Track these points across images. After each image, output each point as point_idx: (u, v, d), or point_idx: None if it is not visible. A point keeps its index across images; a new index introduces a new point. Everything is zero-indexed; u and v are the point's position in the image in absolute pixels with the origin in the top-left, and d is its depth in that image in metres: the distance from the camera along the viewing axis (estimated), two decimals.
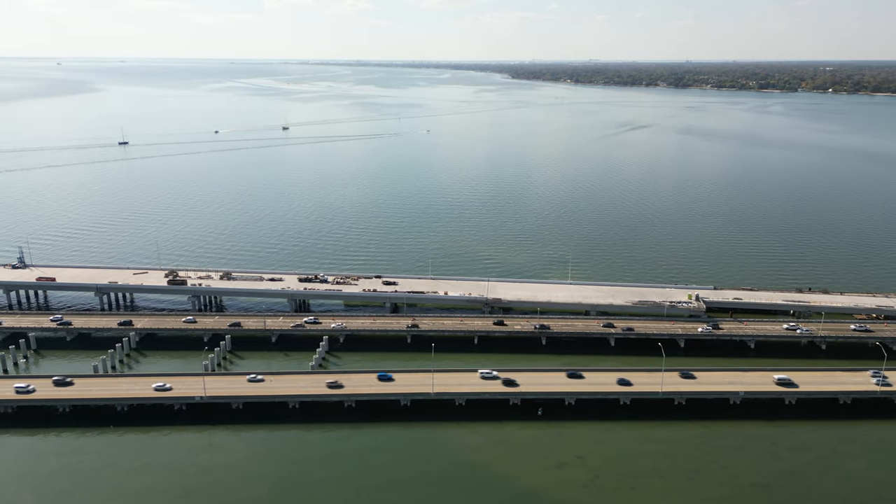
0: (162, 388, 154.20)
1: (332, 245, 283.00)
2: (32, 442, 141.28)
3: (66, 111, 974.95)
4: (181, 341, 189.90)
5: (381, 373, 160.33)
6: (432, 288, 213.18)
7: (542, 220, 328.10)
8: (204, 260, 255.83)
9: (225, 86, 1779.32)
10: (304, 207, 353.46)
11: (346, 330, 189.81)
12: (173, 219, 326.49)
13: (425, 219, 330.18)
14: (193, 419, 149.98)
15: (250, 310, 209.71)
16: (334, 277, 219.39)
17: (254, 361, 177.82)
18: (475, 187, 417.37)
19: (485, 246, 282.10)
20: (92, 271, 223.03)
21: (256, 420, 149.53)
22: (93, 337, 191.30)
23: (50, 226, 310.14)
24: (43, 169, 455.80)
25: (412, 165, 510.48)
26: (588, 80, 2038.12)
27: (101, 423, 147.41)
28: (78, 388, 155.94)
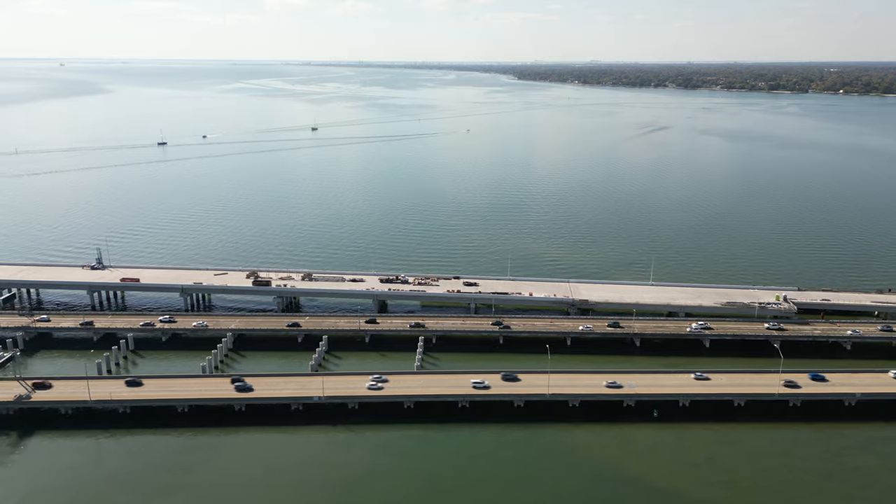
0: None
1: (404, 245, 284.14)
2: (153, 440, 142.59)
3: (86, 112, 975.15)
4: (273, 341, 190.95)
5: (505, 373, 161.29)
6: (514, 289, 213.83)
7: (616, 221, 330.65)
8: (277, 260, 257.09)
9: (233, 87, 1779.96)
10: (370, 208, 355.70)
11: (439, 330, 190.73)
12: (243, 219, 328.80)
13: (497, 218, 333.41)
14: (310, 419, 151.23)
15: (332, 310, 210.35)
16: (415, 278, 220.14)
17: (353, 361, 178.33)
18: (540, 187, 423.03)
19: (560, 246, 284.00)
20: (174, 272, 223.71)
21: (373, 420, 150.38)
22: (182, 337, 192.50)
23: (117, 226, 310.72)
24: (92, 170, 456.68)
25: (467, 164, 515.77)
26: (596, 82, 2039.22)
27: (219, 423, 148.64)
28: (189, 387, 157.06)
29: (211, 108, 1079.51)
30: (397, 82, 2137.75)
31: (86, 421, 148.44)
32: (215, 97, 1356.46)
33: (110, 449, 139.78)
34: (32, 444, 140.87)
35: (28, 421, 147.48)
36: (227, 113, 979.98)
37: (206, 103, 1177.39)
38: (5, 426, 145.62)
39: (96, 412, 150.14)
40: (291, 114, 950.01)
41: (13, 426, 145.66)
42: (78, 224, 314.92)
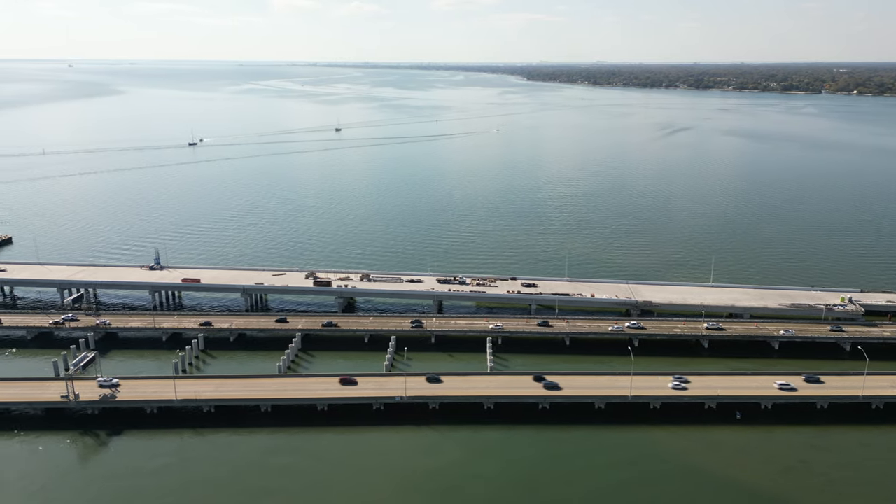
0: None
1: (456, 246, 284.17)
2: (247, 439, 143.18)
3: (104, 113, 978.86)
4: (339, 342, 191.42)
5: (577, 373, 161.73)
6: (573, 290, 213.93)
7: (666, 221, 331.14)
8: (328, 260, 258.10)
9: (244, 88, 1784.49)
10: (419, 208, 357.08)
11: (504, 331, 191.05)
12: (292, 219, 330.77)
13: (548, 218, 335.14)
14: (392, 419, 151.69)
15: (389, 311, 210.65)
16: (472, 279, 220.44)
17: (423, 363, 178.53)
18: (585, 186, 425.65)
19: (616, 247, 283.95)
20: (232, 273, 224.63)
21: (455, 421, 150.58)
22: (248, 337, 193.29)
23: (167, 226, 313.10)
24: (126, 171, 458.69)
25: (506, 164, 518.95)
26: (606, 83, 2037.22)
27: (302, 423, 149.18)
28: (268, 387, 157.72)
29: (228, 108, 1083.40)
30: (407, 83, 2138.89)
31: (171, 420, 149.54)
32: (230, 98, 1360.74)
33: (200, 448, 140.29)
34: (121, 443, 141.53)
35: (113, 420, 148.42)
36: (246, 114, 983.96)
37: (222, 104, 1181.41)
38: (92, 425, 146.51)
39: (181, 411, 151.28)
40: (310, 115, 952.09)
41: (100, 425, 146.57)
42: (126, 224, 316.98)
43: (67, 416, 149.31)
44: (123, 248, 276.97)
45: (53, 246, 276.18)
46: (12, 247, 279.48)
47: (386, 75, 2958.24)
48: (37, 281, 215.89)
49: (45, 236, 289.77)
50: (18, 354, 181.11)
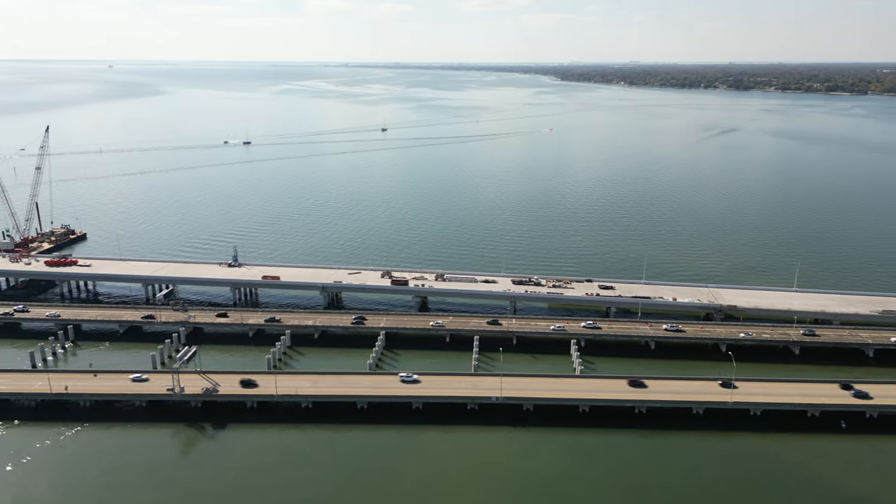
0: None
1: (528, 247, 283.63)
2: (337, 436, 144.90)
3: (150, 112, 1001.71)
4: (420, 340, 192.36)
5: (670, 378, 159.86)
6: (652, 293, 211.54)
7: (741, 223, 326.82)
8: (398, 258, 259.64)
9: (282, 88, 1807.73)
10: (485, 209, 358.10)
11: (588, 334, 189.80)
12: (360, 218, 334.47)
13: (620, 219, 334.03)
14: (486, 419, 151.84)
15: (459, 310, 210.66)
16: (548, 280, 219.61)
17: (507, 364, 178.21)
18: (650, 187, 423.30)
19: (694, 249, 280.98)
20: (310, 270, 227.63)
21: (550, 423, 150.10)
22: (330, 334, 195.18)
23: (238, 224, 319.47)
24: (185, 170, 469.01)
25: (564, 164, 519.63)
26: (642, 83, 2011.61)
27: (397, 421, 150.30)
28: (361, 384, 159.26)
29: (272, 108, 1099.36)
30: (441, 83, 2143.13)
31: (270, 414, 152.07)
32: (270, 98, 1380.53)
33: (303, 443, 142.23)
34: (227, 436, 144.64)
35: (215, 413, 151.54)
36: (291, 113, 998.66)
37: (265, 104, 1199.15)
38: (196, 418, 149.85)
39: (281, 406, 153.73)
40: (354, 115, 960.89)
41: (202, 418, 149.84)
42: (196, 222, 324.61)
43: (170, 409, 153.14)
44: (196, 244, 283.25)
45: (128, 243, 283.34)
46: (87, 243, 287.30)
47: (418, 76, 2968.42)
48: (123, 276, 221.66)
49: (120, 233, 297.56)
50: (112, 348, 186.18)
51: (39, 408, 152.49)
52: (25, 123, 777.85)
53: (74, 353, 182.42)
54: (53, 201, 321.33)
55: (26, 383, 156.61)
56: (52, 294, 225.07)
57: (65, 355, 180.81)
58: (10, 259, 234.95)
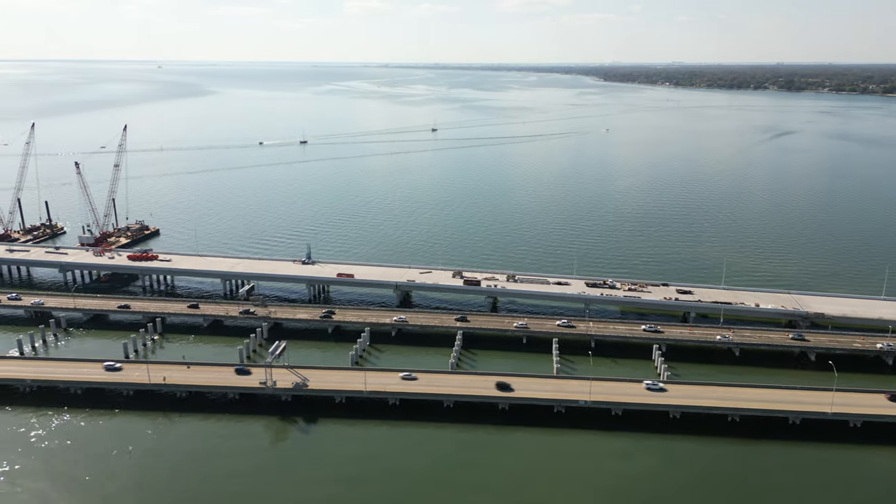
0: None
1: (599, 249, 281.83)
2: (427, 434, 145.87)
3: (202, 111, 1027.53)
4: (499, 341, 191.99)
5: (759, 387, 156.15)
6: (732, 298, 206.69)
7: (826, 229, 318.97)
8: (464, 258, 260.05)
9: (326, 89, 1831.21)
10: (551, 209, 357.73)
11: (671, 339, 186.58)
12: (426, 217, 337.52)
13: (693, 221, 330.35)
14: (573, 422, 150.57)
15: (529, 311, 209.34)
16: (623, 284, 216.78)
17: (586, 367, 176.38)
18: (719, 189, 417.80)
19: (774, 254, 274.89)
20: (383, 269, 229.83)
21: (642, 428, 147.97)
22: (406, 332, 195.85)
23: (307, 222, 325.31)
24: (246, 169, 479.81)
25: (629, 165, 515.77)
26: (689, 83, 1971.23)
27: (483, 421, 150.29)
28: (448, 382, 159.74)
29: (319, 108, 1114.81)
30: (482, 84, 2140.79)
31: (358, 410, 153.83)
32: (316, 98, 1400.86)
33: (394, 440, 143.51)
34: (316, 430, 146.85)
35: (305, 408, 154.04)
36: (338, 113, 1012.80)
37: (311, 104, 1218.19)
38: (287, 412, 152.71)
39: (368, 402, 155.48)
40: (400, 115, 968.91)
41: (293, 412, 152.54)
42: (263, 218, 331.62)
43: (261, 402, 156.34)
44: (265, 241, 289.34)
45: (200, 239, 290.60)
46: (160, 238, 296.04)
47: (458, 76, 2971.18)
48: (203, 272, 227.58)
49: (191, 229, 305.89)
50: (197, 341, 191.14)
51: (136, 397, 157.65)
52: (89, 121, 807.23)
53: (162, 346, 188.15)
54: (126, 198, 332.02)
55: (124, 374, 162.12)
56: (134, 287, 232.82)
57: (153, 347, 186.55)
58: (93, 253, 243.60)
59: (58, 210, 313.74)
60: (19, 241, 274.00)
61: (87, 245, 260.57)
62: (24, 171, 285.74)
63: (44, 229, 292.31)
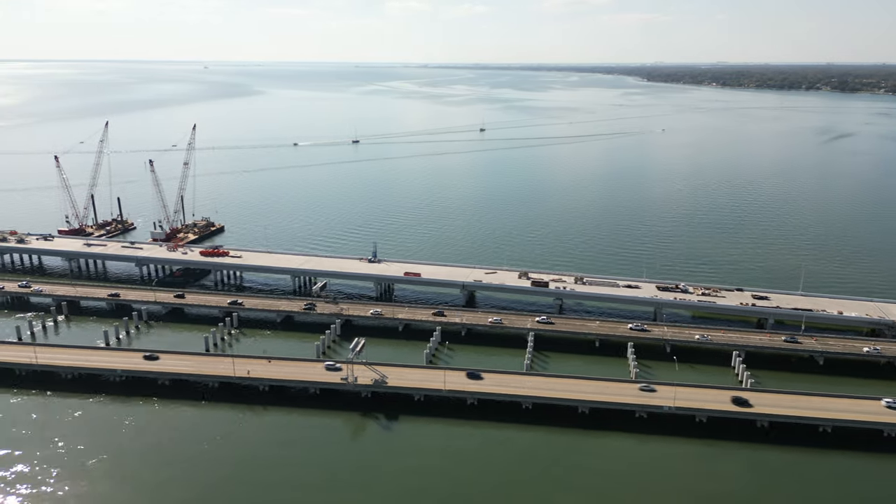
0: None
1: (669, 251, 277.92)
2: None
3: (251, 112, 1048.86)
4: (566, 343, 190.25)
5: None
6: (812, 305, 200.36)
7: None
8: (527, 258, 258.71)
9: (369, 89, 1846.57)
10: (617, 210, 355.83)
11: (750, 345, 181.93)
12: (486, 217, 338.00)
13: (767, 225, 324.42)
14: (656, 428, 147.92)
15: (593, 314, 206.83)
16: (696, 288, 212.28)
17: (666, 372, 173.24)
18: (789, 193, 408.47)
19: (852, 261, 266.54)
20: (449, 268, 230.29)
21: (729, 436, 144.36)
22: (475, 332, 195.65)
23: (369, 220, 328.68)
24: (301, 168, 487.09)
25: (690, 167, 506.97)
26: (737, 84, 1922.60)
27: (563, 423, 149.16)
28: (525, 384, 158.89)
29: (365, 108, 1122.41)
30: (523, 84, 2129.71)
31: (436, 408, 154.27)
32: (361, 98, 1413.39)
33: (473, 439, 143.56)
34: (396, 428, 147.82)
35: (384, 404, 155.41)
36: (384, 113, 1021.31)
37: (357, 104, 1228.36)
38: (367, 408, 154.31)
39: (446, 400, 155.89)
40: (445, 115, 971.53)
41: (373, 408, 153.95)
42: (322, 216, 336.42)
43: (341, 397, 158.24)
44: (327, 238, 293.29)
45: (264, 236, 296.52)
46: (225, 235, 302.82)
47: (498, 76, 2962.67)
48: (273, 268, 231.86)
49: (255, 226, 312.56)
50: (274, 336, 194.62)
51: (221, 390, 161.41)
52: (150, 120, 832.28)
53: (238, 339, 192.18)
54: (193, 195, 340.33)
55: (209, 366, 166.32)
56: (205, 282, 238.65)
57: (231, 340, 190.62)
58: (167, 248, 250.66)
59: (126, 206, 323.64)
60: (93, 235, 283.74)
61: (158, 240, 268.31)
62: (97, 168, 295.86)
63: (115, 224, 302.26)
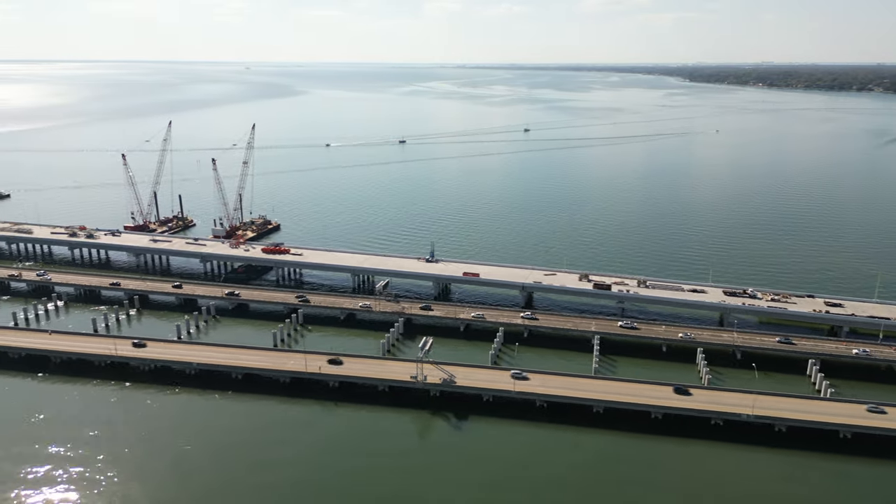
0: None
1: (735, 255, 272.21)
2: None
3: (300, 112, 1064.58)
4: (634, 347, 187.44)
5: None
6: (889, 314, 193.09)
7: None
8: (592, 262, 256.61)
9: (408, 89, 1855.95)
10: (677, 212, 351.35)
11: (827, 353, 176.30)
12: (539, 218, 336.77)
13: (836, 229, 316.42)
14: (734, 436, 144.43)
15: (655, 319, 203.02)
16: (765, 294, 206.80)
17: (735, 379, 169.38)
18: (855, 196, 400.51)
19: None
20: (508, 269, 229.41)
21: (802, 446, 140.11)
22: (536, 334, 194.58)
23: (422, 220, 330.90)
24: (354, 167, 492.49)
25: (754, 168, 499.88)
26: (784, 84, 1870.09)
27: (635, 429, 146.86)
28: (594, 387, 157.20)
29: (407, 108, 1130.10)
30: (563, 85, 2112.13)
31: (505, 410, 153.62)
32: (401, 98, 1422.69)
33: (547, 441, 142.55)
34: (466, 427, 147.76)
35: (452, 403, 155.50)
36: (427, 113, 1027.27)
37: (398, 104, 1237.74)
38: (435, 407, 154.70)
39: (514, 402, 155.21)
40: (486, 115, 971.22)
41: (441, 407, 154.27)
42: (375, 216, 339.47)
43: (409, 395, 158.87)
44: (382, 237, 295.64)
45: (320, 234, 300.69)
46: (281, 233, 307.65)
47: (537, 77, 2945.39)
48: (334, 266, 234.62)
49: (310, 225, 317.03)
50: (336, 333, 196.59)
51: (292, 385, 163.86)
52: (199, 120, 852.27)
53: (303, 335, 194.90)
54: (250, 193, 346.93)
55: (279, 361, 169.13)
56: (265, 280, 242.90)
57: (297, 336, 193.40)
58: (229, 245, 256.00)
59: (185, 203, 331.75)
60: (156, 231, 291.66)
61: (220, 237, 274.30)
62: (161, 167, 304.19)
63: (176, 221, 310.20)
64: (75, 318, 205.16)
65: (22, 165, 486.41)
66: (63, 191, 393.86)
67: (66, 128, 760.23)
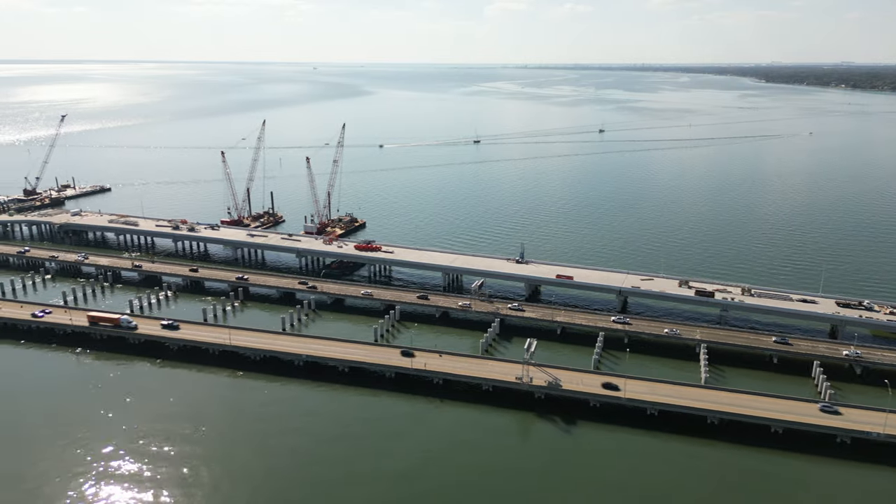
0: None
1: (844, 264, 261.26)
2: None
3: (368, 112, 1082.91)
4: (738, 357, 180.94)
5: None
6: None
7: None
8: (691, 267, 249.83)
9: (472, 90, 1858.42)
10: (776, 217, 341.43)
11: None
12: (638, 221, 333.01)
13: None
14: (862, 456, 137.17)
15: (755, 328, 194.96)
16: (882, 307, 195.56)
17: (857, 396, 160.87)
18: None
19: None
20: (602, 273, 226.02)
21: None
22: (634, 339, 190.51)
23: (516, 221, 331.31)
24: (434, 167, 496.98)
25: (859, 173, 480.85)
26: (868, 86, 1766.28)
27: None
28: (692, 395, 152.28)
29: (474, 109, 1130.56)
30: (630, 85, 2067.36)
31: (613, 416, 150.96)
32: (467, 99, 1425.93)
33: (656, 452, 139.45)
34: (574, 432, 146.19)
35: (557, 407, 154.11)
36: (495, 113, 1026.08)
37: (464, 105, 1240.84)
38: (540, 409, 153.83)
39: (623, 409, 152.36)
40: (557, 115, 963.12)
41: (546, 410, 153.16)
42: (455, 215, 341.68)
43: (512, 396, 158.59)
44: (466, 237, 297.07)
45: (405, 232, 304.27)
46: (366, 231, 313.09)
47: (602, 77, 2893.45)
48: (427, 265, 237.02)
49: (393, 223, 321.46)
50: (431, 331, 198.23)
51: (397, 379, 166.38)
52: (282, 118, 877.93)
53: (399, 332, 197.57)
54: (338, 191, 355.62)
55: (384, 356, 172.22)
56: (357, 276, 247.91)
57: (394, 332, 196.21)
58: (322, 241, 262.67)
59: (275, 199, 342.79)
60: (250, 227, 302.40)
61: (311, 233, 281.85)
62: (255, 164, 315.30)
63: (267, 217, 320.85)
64: (182, 307, 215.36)
65: (117, 161, 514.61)
66: (159, 186, 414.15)
67: (155, 125, 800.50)
